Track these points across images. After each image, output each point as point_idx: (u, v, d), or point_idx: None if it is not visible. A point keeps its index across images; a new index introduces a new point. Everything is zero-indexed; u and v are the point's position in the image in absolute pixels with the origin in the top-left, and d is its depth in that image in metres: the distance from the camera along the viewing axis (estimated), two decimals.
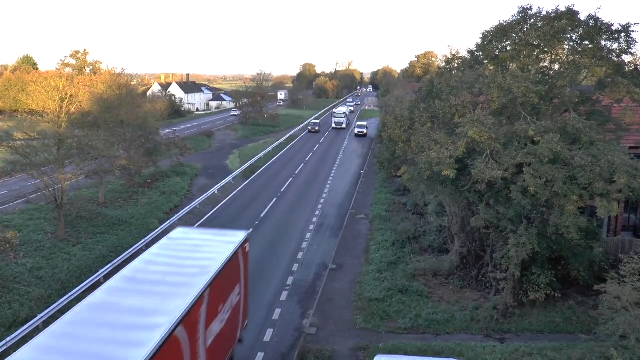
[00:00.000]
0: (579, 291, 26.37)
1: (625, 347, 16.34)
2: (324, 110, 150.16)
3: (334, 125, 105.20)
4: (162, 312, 13.47)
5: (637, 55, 24.36)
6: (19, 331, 22.04)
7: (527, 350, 21.46)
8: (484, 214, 23.91)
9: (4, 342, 21.33)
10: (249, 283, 29.16)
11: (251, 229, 38.42)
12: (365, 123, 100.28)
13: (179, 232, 20.59)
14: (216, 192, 49.72)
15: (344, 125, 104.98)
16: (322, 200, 48.12)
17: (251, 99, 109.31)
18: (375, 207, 44.64)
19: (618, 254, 25.16)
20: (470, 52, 28.72)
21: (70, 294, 25.90)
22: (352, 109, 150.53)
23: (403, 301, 26.29)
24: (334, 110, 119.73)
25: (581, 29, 24.29)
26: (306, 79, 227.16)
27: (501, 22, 26.20)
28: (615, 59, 23.92)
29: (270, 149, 76.55)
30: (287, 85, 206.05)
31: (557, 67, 25.65)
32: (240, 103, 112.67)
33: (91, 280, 27.79)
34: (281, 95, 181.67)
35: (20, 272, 28.41)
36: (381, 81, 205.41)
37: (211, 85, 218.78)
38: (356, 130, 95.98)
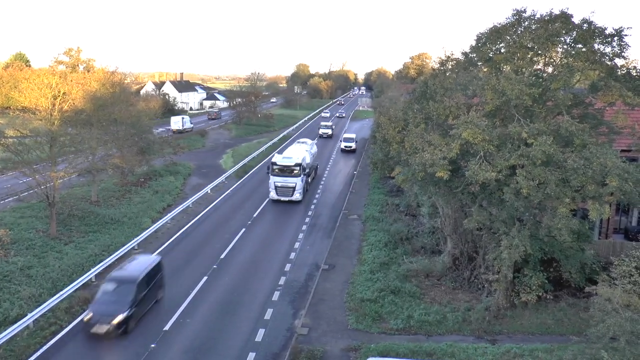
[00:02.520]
0: (571, 293, 26.52)
1: (615, 349, 16.39)
2: (317, 111, 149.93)
3: (272, 194, 47.07)
4: None
5: (629, 59, 24.49)
6: (8, 330, 21.89)
7: (519, 352, 21.57)
8: (477, 216, 23.97)
9: None
10: (242, 281, 29.20)
11: (243, 229, 38.40)
12: (353, 135, 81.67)
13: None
14: (209, 192, 49.63)
15: (297, 196, 46.53)
16: (315, 201, 48.10)
17: (245, 98, 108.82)
18: (368, 207, 44.67)
19: (609, 256, 25.29)
20: (465, 53, 28.77)
21: (61, 292, 25.76)
22: (330, 131, 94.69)
23: (395, 302, 26.32)
24: (275, 159, 48.53)
25: (575, 32, 24.39)
26: (300, 79, 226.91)
27: (495, 24, 26.25)
28: (608, 63, 24.02)
29: (263, 148, 76.47)
30: (281, 85, 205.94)
31: (550, 69, 25.74)
32: (234, 102, 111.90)
33: (82, 279, 27.68)
34: (297, 89, 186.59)
35: (11, 270, 28.23)
36: (375, 82, 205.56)
37: (205, 85, 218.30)
38: (342, 145, 78.34)
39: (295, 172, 46.40)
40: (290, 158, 47.70)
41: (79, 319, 24.33)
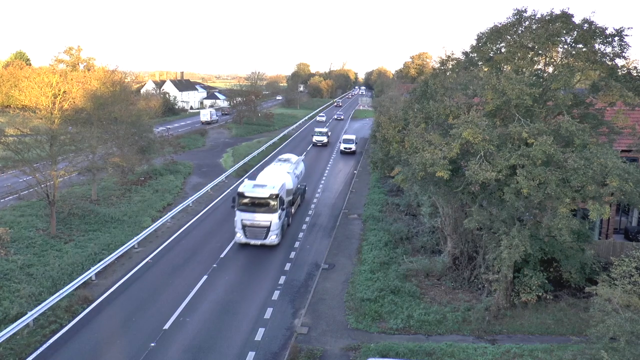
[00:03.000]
0: (570, 293, 26.53)
1: (615, 349, 16.40)
2: (317, 110, 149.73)
3: (239, 236, 34.83)
4: None
5: (630, 59, 24.49)
6: (8, 328, 21.87)
7: (518, 352, 21.57)
8: (477, 216, 23.94)
9: None
10: (241, 280, 29.17)
11: None
12: (353, 136, 78.10)
13: None
14: (209, 191, 49.61)
15: (272, 238, 34.52)
16: (315, 200, 48.10)
17: (245, 97, 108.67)
18: (368, 207, 44.65)
19: (609, 256, 25.36)
20: (465, 53, 28.73)
21: (61, 291, 25.76)
22: (325, 139, 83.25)
23: (395, 302, 26.32)
24: (242, 187, 35.61)
25: (575, 32, 24.35)
26: (300, 78, 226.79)
27: (496, 24, 26.22)
28: (609, 63, 23.98)
29: (263, 147, 76.45)
30: (282, 84, 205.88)
31: (551, 69, 25.69)
32: (235, 102, 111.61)
33: (83, 278, 27.69)
34: (300, 88, 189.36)
35: (11, 268, 28.24)
36: (375, 81, 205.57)
37: (205, 84, 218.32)
38: (342, 146, 75.09)
39: (270, 205, 34.30)
40: (264, 186, 35.35)
41: (79, 317, 24.40)
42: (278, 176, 39.36)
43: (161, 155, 56.85)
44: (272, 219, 34.21)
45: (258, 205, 34.41)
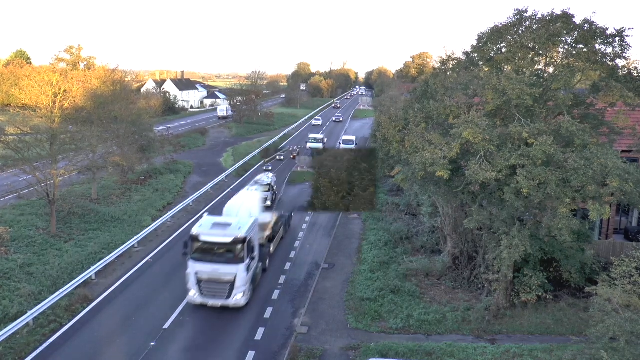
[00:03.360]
0: (570, 293, 26.52)
1: (615, 349, 16.39)
2: (317, 110, 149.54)
3: (192, 294, 25.42)
4: None
5: (630, 60, 24.47)
6: (8, 327, 21.88)
7: (518, 352, 21.57)
8: (477, 215, 23.94)
9: None
10: None
11: None
12: (353, 137, 74.18)
13: None
14: (209, 190, 49.60)
15: (238, 298, 25.16)
16: None
17: (246, 97, 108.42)
18: None
19: (609, 256, 25.33)
20: (466, 53, 28.72)
21: (61, 290, 25.77)
22: (321, 146, 72.42)
23: (395, 301, 26.32)
24: (198, 227, 26.01)
25: (576, 33, 24.35)
26: (301, 78, 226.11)
27: (497, 24, 26.21)
28: (609, 63, 24.00)
29: (264, 147, 76.39)
30: (282, 84, 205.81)
31: (551, 70, 25.68)
32: (235, 101, 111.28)
33: (83, 277, 27.69)
34: (303, 87, 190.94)
35: (11, 267, 28.24)
36: (376, 81, 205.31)
37: (205, 83, 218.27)
38: (342, 148, 69.60)
39: (235, 253, 25.40)
40: (227, 227, 26.41)
41: (79, 316, 24.41)
42: (250, 208, 30.43)
43: (161, 154, 56.91)
44: (237, 272, 25.06)
45: (217, 252, 25.68)
